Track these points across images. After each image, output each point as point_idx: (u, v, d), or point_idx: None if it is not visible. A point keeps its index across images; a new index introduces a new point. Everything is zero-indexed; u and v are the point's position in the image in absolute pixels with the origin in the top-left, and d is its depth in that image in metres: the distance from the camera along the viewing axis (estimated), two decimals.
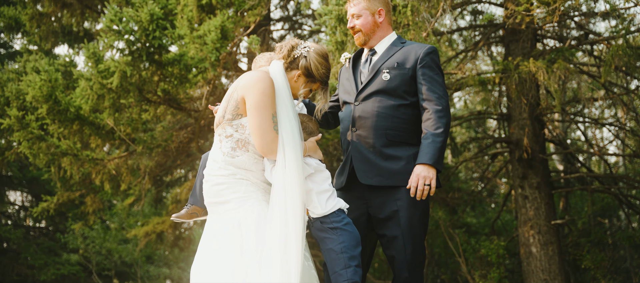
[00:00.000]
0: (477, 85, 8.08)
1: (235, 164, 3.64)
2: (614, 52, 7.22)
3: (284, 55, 3.79)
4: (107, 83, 7.54)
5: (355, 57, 4.36)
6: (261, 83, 3.59)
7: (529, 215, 9.11)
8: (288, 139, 3.56)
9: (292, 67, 3.79)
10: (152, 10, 6.94)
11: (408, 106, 4.03)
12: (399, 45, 4.17)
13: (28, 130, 8.55)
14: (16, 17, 11.99)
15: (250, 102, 3.58)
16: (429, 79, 3.99)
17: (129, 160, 9.61)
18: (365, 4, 4.14)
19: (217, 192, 3.66)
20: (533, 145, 9.07)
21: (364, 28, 4.14)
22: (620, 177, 10.58)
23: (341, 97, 4.30)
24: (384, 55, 4.13)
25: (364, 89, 4.09)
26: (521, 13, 6.65)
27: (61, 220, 18.15)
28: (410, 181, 3.85)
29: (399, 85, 4.02)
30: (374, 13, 4.15)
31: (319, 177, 3.78)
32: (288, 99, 3.64)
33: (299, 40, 3.84)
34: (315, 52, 3.79)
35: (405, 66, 4.03)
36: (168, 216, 12.86)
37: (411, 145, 4.01)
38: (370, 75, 4.09)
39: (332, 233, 3.69)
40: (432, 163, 3.83)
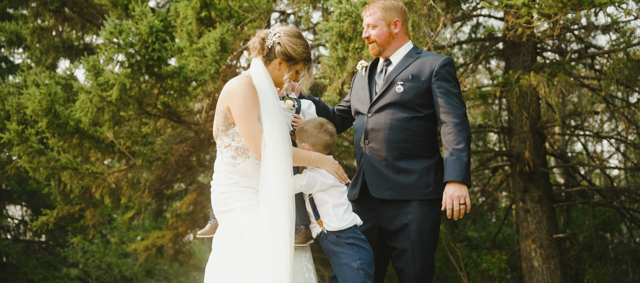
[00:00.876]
0: (478, 99, 8.07)
1: (238, 172, 3.65)
2: (614, 65, 7.21)
3: (258, 50, 3.75)
4: (107, 95, 7.53)
5: (371, 65, 4.32)
6: (241, 89, 3.58)
7: (530, 229, 9.06)
8: (268, 137, 3.53)
9: (270, 57, 3.74)
10: (152, 23, 6.94)
11: (421, 119, 4.00)
12: (415, 56, 4.11)
13: (28, 144, 8.53)
14: (17, 32, 12.02)
15: (234, 111, 3.59)
16: (445, 92, 3.94)
17: (128, 173, 9.58)
18: (381, 13, 4.10)
19: (222, 201, 3.68)
20: (534, 158, 9.03)
21: (379, 39, 4.10)
22: (622, 191, 10.54)
23: (354, 105, 4.26)
24: (398, 66, 4.08)
25: (377, 101, 4.05)
26: (522, 25, 6.64)
27: (61, 234, 18.08)
28: (444, 202, 3.81)
29: (413, 98, 3.97)
30: (389, 24, 4.10)
31: (336, 191, 3.75)
32: (269, 97, 3.61)
33: (267, 30, 3.79)
34: (286, 34, 3.74)
35: (420, 78, 3.98)
36: (168, 230, 12.82)
37: (424, 158, 3.98)
38: (384, 86, 4.05)
39: (349, 249, 3.67)
40: (461, 181, 3.79)
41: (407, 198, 3.91)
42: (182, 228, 12.85)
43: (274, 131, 3.53)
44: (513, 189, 9.74)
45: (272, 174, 3.50)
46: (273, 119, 3.56)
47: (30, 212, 18.89)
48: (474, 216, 12.76)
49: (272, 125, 3.54)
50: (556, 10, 6.14)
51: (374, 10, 4.12)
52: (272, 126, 3.54)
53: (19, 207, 19.05)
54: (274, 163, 3.50)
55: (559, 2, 6.03)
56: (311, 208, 3.78)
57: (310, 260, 3.83)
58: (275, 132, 3.53)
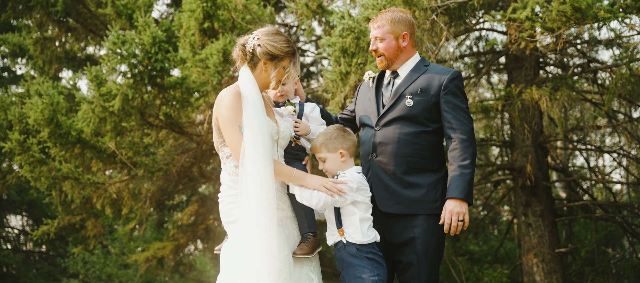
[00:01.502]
0: (480, 112, 8.06)
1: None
2: (617, 79, 7.21)
3: (242, 57, 3.74)
4: (109, 106, 7.53)
5: (378, 77, 4.28)
6: (226, 99, 3.60)
7: (532, 243, 9.03)
8: (248, 144, 3.52)
9: (255, 61, 3.72)
10: (155, 34, 6.95)
11: (430, 133, 3.98)
12: (423, 68, 4.07)
13: (29, 153, 8.53)
14: (20, 43, 12.07)
15: (220, 121, 3.63)
16: (453, 107, 3.92)
17: (130, 184, 9.57)
18: (389, 27, 4.05)
19: (228, 211, 3.69)
20: (536, 172, 9.01)
21: (387, 53, 4.06)
22: (624, 206, 10.50)
23: (360, 116, 4.23)
24: (406, 80, 4.04)
25: (385, 114, 4.02)
26: (525, 39, 6.64)
27: (61, 244, 18.05)
28: (443, 217, 3.80)
29: (422, 112, 3.95)
30: (398, 37, 4.06)
31: (363, 205, 3.73)
32: (252, 104, 3.58)
33: (246, 36, 3.76)
34: (265, 34, 3.71)
35: (429, 93, 3.95)
36: (169, 241, 12.78)
37: (432, 172, 3.96)
38: (393, 99, 4.01)
39: (369, 264, 3.66)
40: (463, 198, 3.78)
41: (415, 213, 3.90)
42: (183, 240, 12.81)
43: (254, 138, 3.51)
44: (515, 203, 9.71)
45: (251, 182, 3.48)
46: (254, 126, 3.54)
47: (31, 222, 18.87)
48: (476, 230, 12.72)
49: (252, 132, 3.52)
50: (560, 24, 6.14)
51: (381, 22, 4.07)
52: (253, 133, 3.52)
53: (20, 217, 19.03)
54: (253, 171, 3.48)
55: (563, 16, 6.03)
56: (334, 216, 3.74)
57: (315, 269, 3.79)
58: (255, 138, 3.51)
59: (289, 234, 3.74)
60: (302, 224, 3.83)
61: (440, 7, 6.53)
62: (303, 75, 12.93)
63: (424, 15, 6.41)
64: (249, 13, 7.67)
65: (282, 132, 3.84)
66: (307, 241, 3.77)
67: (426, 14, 6.43)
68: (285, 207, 3.81)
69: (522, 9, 6.26)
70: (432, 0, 6.45)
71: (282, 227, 3.70)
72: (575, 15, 6.01)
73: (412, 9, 6.24)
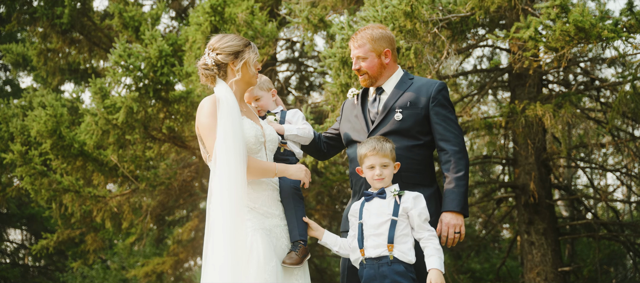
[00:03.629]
0: (484, 129, 8.05)
1: None
2: (621, 97, 7.21)
3: (211, 76, 3.71)
4: (113, 119, 7.52)
5: (362, 93, 4.23)
6: (204, 108, 3.60)
7: (535, 262, 8.98)
8: (219, 146, 3.49)
9: (224, 68, 3.71)
10: (161, 47, 6.96)
11: (422, 146, 3.94)
12: (408, 82, 4.04)
13: (31, 165, 8.51)
14: (23, 54, 12.07)
15: (200, 129, 3.62)
16: (443, 118, 3.90)
17: (131, 198, 9.54)
18: (370, 45, 4.00)
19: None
20: (539, 190, 8.98)
21: (371, 71, 4.02)
22: (628, 224, 10.46)
23: (348, 134, 4.16)
24: (394, 94, 4.00)
25: (376, 130, 3.97)
26: (529, 58, 6.64)
27: (60, 258, 17.96)
28: (439, 229, 3.76)
29: (413, 125, 3.91)
30: (379, 54, 4.01)
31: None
32: (225, 104, 3.55)
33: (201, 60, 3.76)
34: (215, 43, 3.73)
35: (418, 106, 3.92)
36: (169, 256, 12.72)
37: (424, 187, 3.89)
38: (382, 114, 3.97)
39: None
40: (459, 210, 3.75)
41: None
42: (183, 255, 12.75)
43: (226, 139, 3.49)
44: (518, 221, 9.67)
45: (216, 183, 3.46)
46: (227, 126, 3.52)
47: (30, 236, 18.79)
48: (478, 247, 12.67)
49: (225, 133, 3.50)
50: (563, 43, 6.14)
51: (362, 41, 4.02)
52: (225, 134, 3.50)
53: (19, 231, 18.96)
54: (222, 173, 3.45)
55: (566, 36, 6.03)
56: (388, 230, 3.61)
57: (304, 276, 3.75)
58: (227, 140, 3.49)
59: (277, 244, 3.69)
60: (294, 231, 3.77)
61: (441, 20, 6.53)
62: (305, 90, 12.95)
63: (425, 28, 6.40)
64: (251, 28, 7.68)
65: (269, 135, 3.82)
66: (297, 249, 3.72)
67: (428, 27, 6.42)
68: (276, 213, 3.76)
69: (526, 28, 6.25)
70: (434, 13, 6.44)
71: (270, 236, 3.65)
72: (579, 35, 6.01)
73: (413, 21, 6.23)
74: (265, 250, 3.53)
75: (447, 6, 6.54)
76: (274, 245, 3.65)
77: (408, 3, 6.08)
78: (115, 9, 9.36)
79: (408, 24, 6.21)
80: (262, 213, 3.67)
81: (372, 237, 3.63)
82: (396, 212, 3.60)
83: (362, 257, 3.67)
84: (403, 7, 6.11)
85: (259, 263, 3.47)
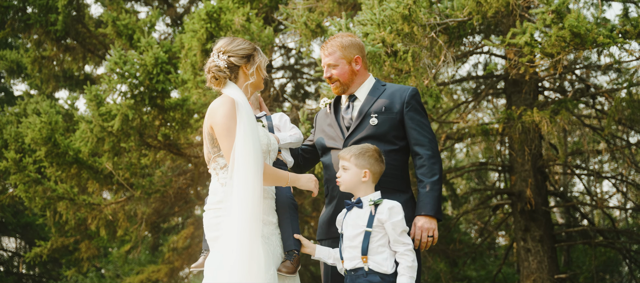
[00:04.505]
0: (480, 135, 8.04)
1: None
2: (617, 104, 7.21)
3: (222, 78, 3.68)
4: (108, 126, 7.48)
5: (334, 102, 4.25)
6: (222, 108, 3.55)
7: (531, 269, 8.96)
8: (239, 150, 3.47)
9: (235, 71, 3.70)
10: (157, 54, 6.93)
11: (398, 151, 3.96)
12: (381, 88, 4.08)
13: (25, 173, 8.46)
14: (18, 61, 12.02)
15: (216, 129, 3.56)
16: (418, 123, 3.94)
17: (126, 205, 9.49)
18: (340, 53, 4.03)
19: (214, 225, 3.59)
20: (536, 197, 8.97)
21: (342, 78, 4.04)
22: (623, 232, 10.46)
23: (322, 143, 4.16)
24: (368, 100, 4.03)
25: (352, 135, 3.97)
26: (525, 64, 6.65)
27: (54, 266, 17.86)
28: (413, 232, 3.76)
29: (389, 130, 3.94)
30: (350, 61, 4.05)
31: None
32: (245, 110, 3.55)
33: (210, 62, 3.72)
34: (225, 46, 3.70)
35: (393, 110, 3.95)
36: (164, 264, 12.66)
37: (402, 192, 3.92)
38: (358, 120, 3.98)
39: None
40: (433, 214, 3.77)
41: None
42: (178, 263, 12.69)
43: (246, 144, 3.48)
44: (514, 228, 9.66)
45: (235, 185, 3.42)
46: (248, 133, 3.51)
47: (25, 244, 18.69)
48: (474, 255, 12.65)
49: (245, 139, 3.49)
50: (559, 49, 6.14)
51: (332, 49, 4.05)
52: (245, 140, 3.48)
53: (13, 239, 18.86)
54: (240, 176, 3.42)
55: (562, 42, 6.04)
56: (361, 242, 3.60)
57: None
58: (247, 145, 3.48)
59: (274, 251, 3.67)
60: (288, 240, 3.75)
61: (439, 24, 6.53)
62: (300, 97, 12.93)
63: (423, 32, 6.40)
64: (248, 34, 7.67)
65: (273, 143, 3.83)
66: (292, 258, 3.71)
67: (425, 30, 6.42)
68: (273, 221, 3.75)
69: (521, 34, 6.26)
70: (431, 18, 6.45)
71: (268, 243, 3.64)
72: (575, 41, 6.01)
73: (410, 25, 6.23)
74: (266, 258, 3.51)
75: (444, 11, 6.55)
76: (272, 252, 3.63)
77: (406, 6, 6.08)
78: (108, 18, 9.33)
79: (405, 27, 6.21)
80: (261, 220, 3.64)
81: (349, 249, 3.64)
82: (370, 223, 3.59)
83: (343, 268, 3.70)
84: (401, 10, 6.11)
85: (260, 270, 3.45)
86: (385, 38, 6.28)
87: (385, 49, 6.33)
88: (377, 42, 6.29)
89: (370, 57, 6.21)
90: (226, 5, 7.58)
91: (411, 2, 6.11)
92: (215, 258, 3.53)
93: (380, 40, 6.31)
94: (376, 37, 6.30)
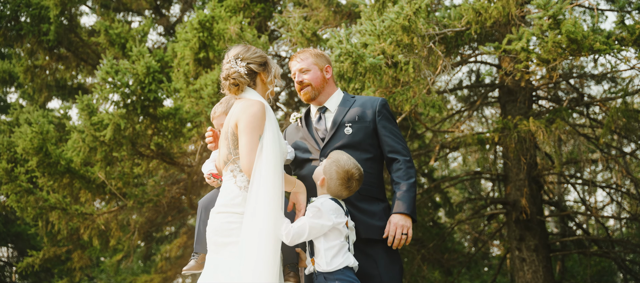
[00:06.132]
0: (476, 144, 8.01)
1: None
2: (612, 113, 7.20)
3: (241, 83, 3.66)
4: (100, 135, 7.42)
5: (305, 116, 4.31)
6: (253, 107, 3.55)
7: (526, 279, 8.92)
8: (267, 154, 3.47)
9: (254, 78, 3.71)
10: (149, 63, 6.88)
11: (373, 160, 4.05)
12: (351, 100, 4.19)
13: (17, 182, 8.38)
14: (10, 71, 11.96)
15: (241, 125, 3.53)
16: (391, 131, 4.07)
17: (119, 215, 9.41)
18: (313, 59, 4.15)
19: (226, 230, 3.53)
20: (530, 206, 8.95)
21: (314, 82, 4.13)
22: (618, 241, 10.44)
23: (297, 155, 4.18)
24: (340, 111, 4.12)
25: (328, 145, 4.02)
26: (521, 70, 6.63)
27: (46, 276, 17.71)
28: (387, 230, 3.85)
29: (364, 139, 4.03)
30: (322, 69, 4.16)
31: (332, 233, 3.63)
32: (272, 117, 3.60)
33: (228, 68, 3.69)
34: (243, 53, 3.69)
35: (366, 119, 4.05)
36: (157, 274, 12.57)
37: (379, 201, 4.02)
38: (332, 130, 4.05)
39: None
40: (409, 213, 3.87)
41: (373, 238, 3.90)
42: (170, 273, 12.60)
43: (274, 143, 3.51)
44: (509, 237, 9.63)
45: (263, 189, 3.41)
46: (275, 133, 3.55)
47: (17, 254, 18.54)
48: (468, 264, 12.62)
49: (273, 136, 3.52)
50: (555, 55, 6.14)
51: (304, 56, 4.17)
52: (273, 145, 3.50)
53: (5, 248, 18.70)
54: (268, 173, 3.43)
55: (558, 48, 6.03)
56: (308, 245, 3.68)
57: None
58: (275, 143, 3.51)
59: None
60: (291, 253, 3.76)
61: (438, 35, 6.52)
62: (294, 106, 12.89)
63: (422, 43, 6.39)
64: (243, 42, 7.63)
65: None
66: (295, 270, 3.73)
67: (424, 41, 6.41)
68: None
69: (517, 40, 6.25)
70: (430, 28, 6.44)
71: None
72: (571, 47, 6.01)
73: (410, 35, 6.22)
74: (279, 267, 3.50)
75: (442, 21, 6.54)
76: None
77: (406, 17, 6.07)
78: (101, 27, 9.28)
79: (405, 38, 6.20)
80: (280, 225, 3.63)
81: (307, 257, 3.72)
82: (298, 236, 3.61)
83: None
84: (401, 21, 6.11)
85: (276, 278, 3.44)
86: (386, 49, 6.27)
87: (385, 60, 6.31)
88: (378, 53, 6.28)
89: (370, 69, 6.19)
90: (219, 14, 7.54)
91: (411, 13, 6.10)
92: (227, 263, 3.47)
93: (380, 52, 6.29)
94: (376, 48, 6.29)
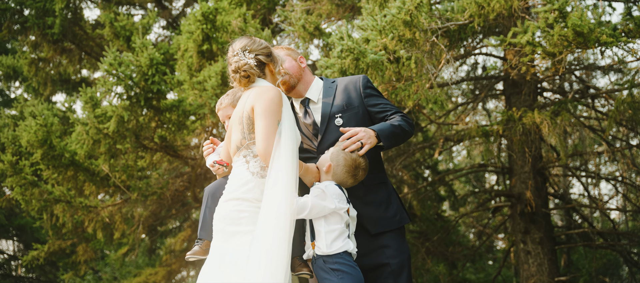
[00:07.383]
0: (480, 136, 7.98)
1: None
2: (618, 105, 7.15)
3: (252, 74, 3.67)
4: (104, 128, 7.42)
5: None
6: (270, 92, 3.56)
7: (531, 272, 8.90)
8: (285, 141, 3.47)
9: (263, 68, 3.74)
10: (152, 55, 6.87)
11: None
12: (332, 86, 4.18)
13: (21, 175, 8.39)
14: (14, 66, 11.98)
15: (258, 108, 3.51)
16: (379, 101, 4.09)
17: (123, 208, 9.42)
18: (285, 51, 4.21)
19: (236, 218, 3.50)
20: (535, 199, 8.91)
21: (291, 70, 4.13)
22: (624, 234, 10.41)
23: None
24: (326, 102, 4.10)
25: (323, 141, 4.01)
26: (526, 64, 6.58)
27: (51, 269, 17.78)
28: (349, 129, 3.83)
29: (356, 126, 3.97)
30: (295, 59, 4.19)
31: (333, 216, 3.63)
32: (288, 106, 3.62)
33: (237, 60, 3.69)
34: (250, 45, 3.71)
35: (354, 105, 4.05)
36: (161, 267, 12.60)
37: (382, 183, 4.03)
38: (324, 124, 4.03)
39: (333, 275, 3.56)
40: (377, 132, 3.82)
41: (381, 231, 3.90)
42: (175, 266, 12.62)
43: (291, 129, 3.53)
44: (513, 230, 9.60)
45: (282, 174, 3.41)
46: (293, 128, 3.57)
47: (22, 247, 18.62)
48: (473, 257, 12.60)
49: (290, 123, 3.55)
50: (561, 48, 6.08)
51: (278, 50, 4.20)
52: (291, 133, 3.52)
53: (10, 242, 18.78)
54: (286, 157, 3.44)
55: (564, 41, 5.97)
56: (309, 228, 3.68)
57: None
58: (292, 130, 3.53)
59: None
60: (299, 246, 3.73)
61: (440, 28, 6.48)
62: None
63: (424, 37, 6.35)
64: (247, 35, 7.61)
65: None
66: (304, 262, 3.72)
67: (426, 35, 6.37)
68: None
69: (523, 33, 6.20)
70: (433, 22, 6.40)
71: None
72: (577, 40, 5.95)
73: (412, 30, 6.18)
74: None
75: (444, 14, 6.50)
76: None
77: (407, 12, 6.03)
78: (106, 19, 9.28)
79: (407, 33, 6.16)
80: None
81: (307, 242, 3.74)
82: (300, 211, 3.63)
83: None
84: (402, 16, 6.06)
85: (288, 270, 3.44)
86: (388, 44, 6.23)
87: (387, 56, 6.28)
88: (379, 49, 6.24)
89: (372, 65, 6.15)
90: (222, 7, 7.52)
91: (413, 8, 6.06)
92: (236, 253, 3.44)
93: (382, 47, 6.25)
94: (378, 43, 6.25)
